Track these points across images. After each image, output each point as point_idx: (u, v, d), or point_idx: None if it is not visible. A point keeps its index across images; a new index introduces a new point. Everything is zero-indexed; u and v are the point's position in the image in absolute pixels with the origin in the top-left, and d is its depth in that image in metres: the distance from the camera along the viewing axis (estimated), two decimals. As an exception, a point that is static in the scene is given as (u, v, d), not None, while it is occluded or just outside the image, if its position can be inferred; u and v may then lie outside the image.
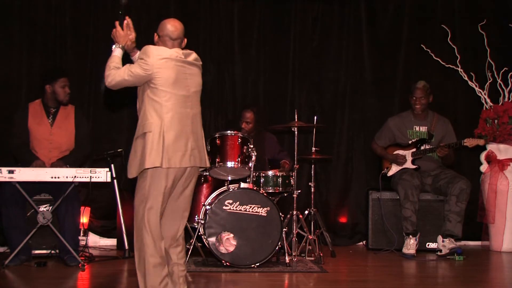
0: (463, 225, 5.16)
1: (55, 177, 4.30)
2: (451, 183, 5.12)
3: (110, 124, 5.72)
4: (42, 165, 4.56)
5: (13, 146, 4.75)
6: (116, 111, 5.72)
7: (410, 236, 5.09)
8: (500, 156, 5.56)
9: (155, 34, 3.30)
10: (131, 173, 3.15)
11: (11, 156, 4.89)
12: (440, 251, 5.10)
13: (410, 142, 5.38)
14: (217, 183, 4.83)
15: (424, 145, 5.32)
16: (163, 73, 3.11)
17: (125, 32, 3.26)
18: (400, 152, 5.39)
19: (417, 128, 5.42)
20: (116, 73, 3.12)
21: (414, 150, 5.33)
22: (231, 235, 4.39)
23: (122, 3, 3.27)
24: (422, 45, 5.92)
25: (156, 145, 3.06)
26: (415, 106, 5.36)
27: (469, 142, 5.08)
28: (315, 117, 5.00)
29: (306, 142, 5.62)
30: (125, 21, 3.23)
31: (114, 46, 3.23)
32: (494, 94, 5.83)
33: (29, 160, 4.60)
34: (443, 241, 5.09)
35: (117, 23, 3.22)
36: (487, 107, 5.77)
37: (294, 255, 4.64)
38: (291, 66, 5.99)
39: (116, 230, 5.28)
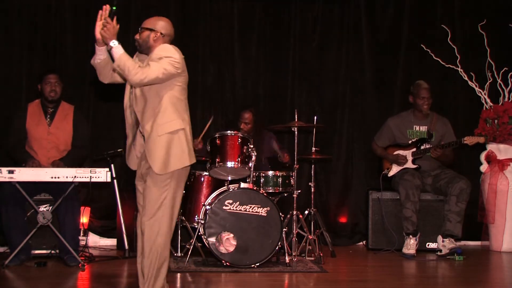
0: (463, 225, 5.16)
1: (55, 177, 4.30)
2: (451, 183, 5.12)
3: (110, 124, 5.72)
4: (38, 164, 4.56)
5: (9, 145, 4.77)
6: (115, 107, 5.74)
7: (411, 236, 5.09)
8: (500, 156, 5.56)
9: (157, 32, 3.24)
10: (161, 168, 3.10)
11: (9, 156, 4.89)
12: (440, 251, 5.10)
13: (410, 142, 5.38)
14: (217, 183, 4.83)
15: (424, 144, 5.32)
16: (186, 72, 3.21)
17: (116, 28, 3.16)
18: (401, 152, 5.39)
19: (417, 128, 5.42)
20: (149, 70, 3.06)
21: (414, 149, 5.33)
22: (231, 235, 4.39)
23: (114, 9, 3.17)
24: (422, 45, 5.92)
25: (189, 143, 3.16)
26: (423, 107, 5.34)
27: (469, 140, 5.07)
28: (315, 117, 5.00)
29: (306, 142, 5.62)
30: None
31: (114, 44, 3.09)
32: (494, 94, 5.83)
33: (24, 159, 4.60)
34: (443, 241, 5.09)
35: (109, 19, 3.09)
36: (487, 107, 5.77)
37: (294, 255, 4.64)
38: (291, 66, 5.99)
39: (116, 230, 5.28)
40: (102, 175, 4.38)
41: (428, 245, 5.32)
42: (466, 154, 5.78)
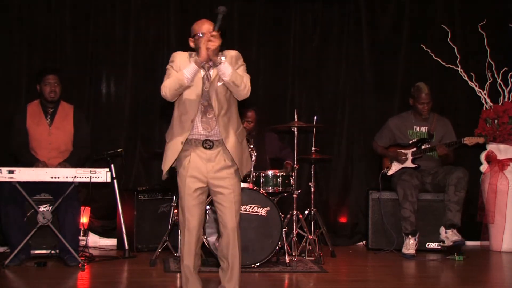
0: (463, 225, 5.17)
1: (55, 177, 4.30)
2: (448, 174, 5.12)
3: (110, 124, 5.72)
4: (44, 166, 4.55)
5: (14, 147, 4.77)
6: (115, 107, 5.76)
7: (410, 236, 5.09)
8: (500, 156, 5.56)
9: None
10: (244, 172, 3.31)
11: (12, 157, 4.90)
12: (443, 242, 5.08)
13: (410, 142, 5.38)
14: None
15: (424, 144, 5.32)
16: None
17: None
18: (401, 150, 5.39)
19: (417, 129, 5.42)
20: (248, 81, 3.12)
21: (414, 149, 5.34)
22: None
23: (222, 11, 3.00)
24: (422, 45, 5.92)
25: None
26: (423, 111, 5.34)
27: (468, 140, 5.09)
28: (315, 117, 5.00)
29: (306, 142, 5.61)
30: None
31: (223, 59, 3.02)
32: (494, 94, 5.83)
33: (29, 161, 4.59)
34: (445, 232, 5.06)
35: (217, 34, 2.97)
36: (487, 107, 5.77)
37: (294, 255, 4.64)
38: (291, 66, 5.99)
39: (116, 230, 5.28)
40: (102, 175, 4.38)
41: (428, 245, 5.32)
42: (466, 154, 5.78)
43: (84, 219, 5.22)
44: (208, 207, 4.42)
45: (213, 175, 3.17)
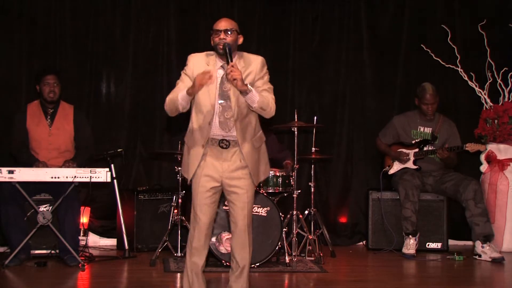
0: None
1: (55, 177, 4.30)
2: (462, 187, 5.10)
3: (110, 124, 5.72)
4: (44, 166, 4.55)
5: (13, 148, 4.77)
6: (115, 107, 5.76)
7: (410, 236, 5.09)
8: (500, 156, 5.56)
9: (240, 35, 3.32)
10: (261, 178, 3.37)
11: (12, 157, 4.90)
12: (480, 256, 5.02)
13: (413, 142, 5.38)
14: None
15: (427, 146, 5.32)
16: None
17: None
18: (404, 150, 5.38)
19: (422, 129, 5.41)
20: (272, 99, 3.27)
21: (416, 150, 5.33)
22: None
23: (226, 46, 3.13)
24: (422, 45, 5.92)
25: None
26: (427, 112, 5.33)
27: (470, 147, 5.09)
28: (315, 117, 5.00)
29: (306, 142, 5.62)
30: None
31: (251, 87, 3.10)
32: (494, 94, 5.83)
33: (29, 161, 4.60)
34: (482, 247, 5.01)
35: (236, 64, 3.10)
36: (487, 107, 5.77)
37: (294, 255, 4.64)
38: (291, 66, 5.98)
39: (116, 230, 5.28)
40: (102, 175, 4.38)
41: (428, 245, 5.32)
42: (466, 154, 5.77)
43: (84, 219, 5.22)
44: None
45: (228, 175, 3.17)
